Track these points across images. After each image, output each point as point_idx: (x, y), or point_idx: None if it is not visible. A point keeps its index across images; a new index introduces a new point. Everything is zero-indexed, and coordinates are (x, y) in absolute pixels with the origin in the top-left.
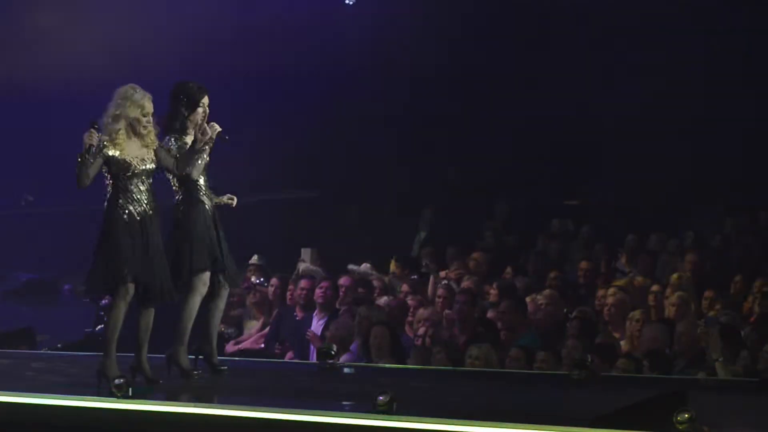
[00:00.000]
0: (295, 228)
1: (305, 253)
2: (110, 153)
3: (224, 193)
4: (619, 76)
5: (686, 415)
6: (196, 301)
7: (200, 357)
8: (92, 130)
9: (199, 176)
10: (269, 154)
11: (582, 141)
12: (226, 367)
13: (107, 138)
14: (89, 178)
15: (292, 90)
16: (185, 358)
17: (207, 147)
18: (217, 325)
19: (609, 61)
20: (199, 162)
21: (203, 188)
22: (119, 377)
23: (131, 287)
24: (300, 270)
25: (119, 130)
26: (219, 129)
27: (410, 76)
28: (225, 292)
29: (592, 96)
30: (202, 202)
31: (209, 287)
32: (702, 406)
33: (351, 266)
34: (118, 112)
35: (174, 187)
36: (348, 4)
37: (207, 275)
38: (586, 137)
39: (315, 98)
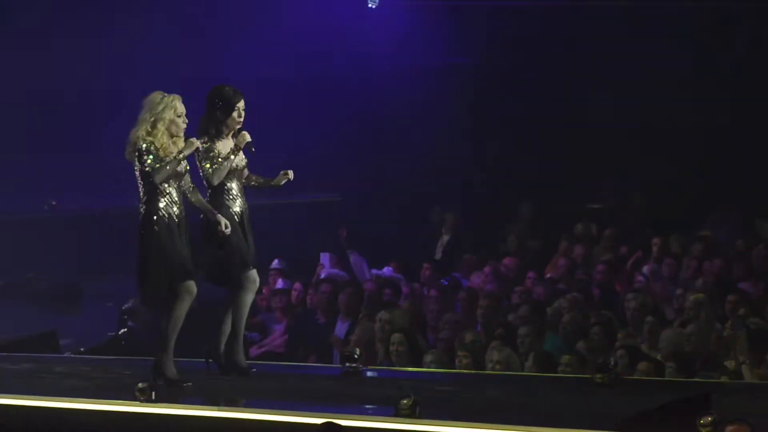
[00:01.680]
0: (317, 232)
1: (324, 257)
2: (160, 154)
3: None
4: (642, 78)
5: (710, 419)
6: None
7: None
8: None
9: (225, 181)
10: (292, 158)
11: (606, 144)
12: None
13: (154, 142)
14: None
15: (314, 94)
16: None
17: (232, 156)
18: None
19: (632, 63)
20: (221, 168)
21: (232, 192)
22: (145, 381)
23: (194, 286)
24: (322, 274)
25: (159, 134)
26: (248, 139)
27: (435, 80)
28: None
29: (615, 98)
30: (228, 206)
31: (245, 284)
32: (726, 409)
33: (374, 271)
34: (153, 118)
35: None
36: (371, 8)
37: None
38: (611, 140)
39: (338, 102)
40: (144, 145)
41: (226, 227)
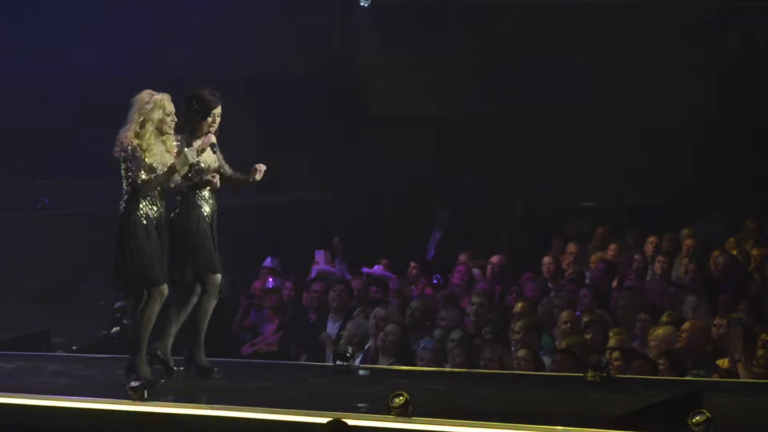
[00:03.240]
0: (310, 230)
1: (319, 255)
2: (146, 160)
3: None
4: (634, 77)
5: (701, 417)
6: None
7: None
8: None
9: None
10: (283, 155)
11: (597, 142)
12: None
13: (141, 144)
14: None
15: (305, 91)
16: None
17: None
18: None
19: (630, 63)
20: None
21: (203, 193)
22: (136, 379)
23: (165, 288)
24: (314, 272)
25: (147, 135)
26: (213, 141)
27: (426, 77)
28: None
29: (605, 96)
30: (199, 206)
31: (205, 288)
32: (716, 407)
33: (364, 269)
34: (142, 119)
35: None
36: (363, 6)
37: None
38: (602, 138)
39: (330, 99)
40: (130, 148)
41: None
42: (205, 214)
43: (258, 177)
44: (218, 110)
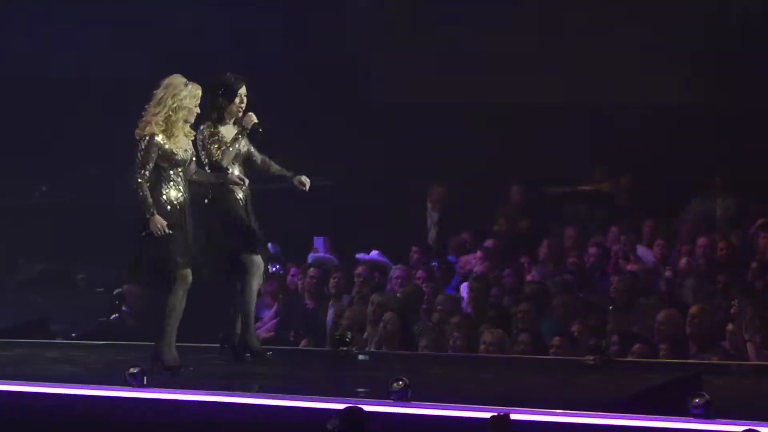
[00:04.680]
0: (310, 216)
1: (318, 241)
2: (165, 144)
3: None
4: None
5: (700, 400)
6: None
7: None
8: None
9: (229, 165)
10: (286, 143)
11: (598, 126)
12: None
13: (162, 128)
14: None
15: (308, 79)
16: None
17: (240, 137)
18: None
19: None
20: (230, 150)
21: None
22: (137, 366)
23: (189, 273)
24: (310, 259)
25: (177, 121)
26: (255, 120)
27: (424, 65)
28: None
29: (605, 79)
30: (232, 191)
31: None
32: (716, 389)
33: (359, 255)
34: (176, 105)
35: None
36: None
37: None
38: (602, 121)
39: (329, 87)
40: (147, 138)
41: (241, 179)
42: (239, 198)
43: (299, 186)
44: (244, 90)
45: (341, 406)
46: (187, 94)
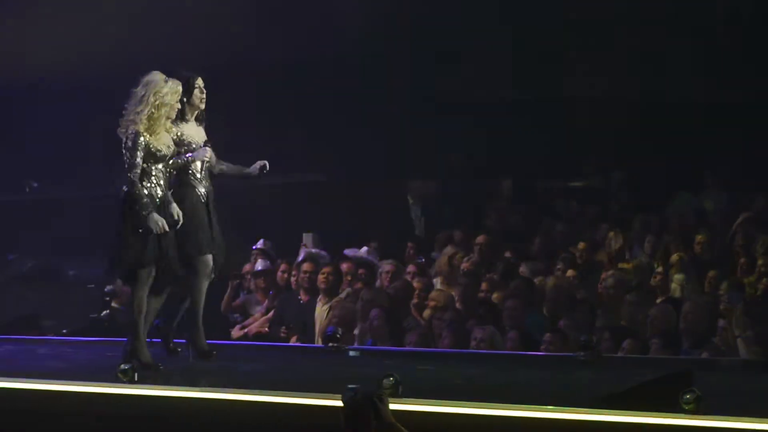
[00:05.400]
0: (301, 212)
1: (307, 237)
2: (150, 142)
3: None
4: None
5: (691, 396)
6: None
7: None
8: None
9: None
10: (276, 138)
11: (588, 120)
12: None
13: (146, 126)
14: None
15: (297, 74)
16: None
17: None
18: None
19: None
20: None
21: (197, 174)
22: (128, 362)
23: (152, 270)
24: (302, 254)
25: (159, 117)
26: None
27: (415, 58)
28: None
29: (598, 74)
30: (194, 187)
31: (196, 269)
32: (707, 385)
33: (347, 251)
34: (158, 102)
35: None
36: None
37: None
38: (593, 116)
39: (319, 81)
40: (133, 135)
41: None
42: (200, 193)
43: (258, 172)
44: (200, 81)
45: (333, 403)
46: (169, 91)
